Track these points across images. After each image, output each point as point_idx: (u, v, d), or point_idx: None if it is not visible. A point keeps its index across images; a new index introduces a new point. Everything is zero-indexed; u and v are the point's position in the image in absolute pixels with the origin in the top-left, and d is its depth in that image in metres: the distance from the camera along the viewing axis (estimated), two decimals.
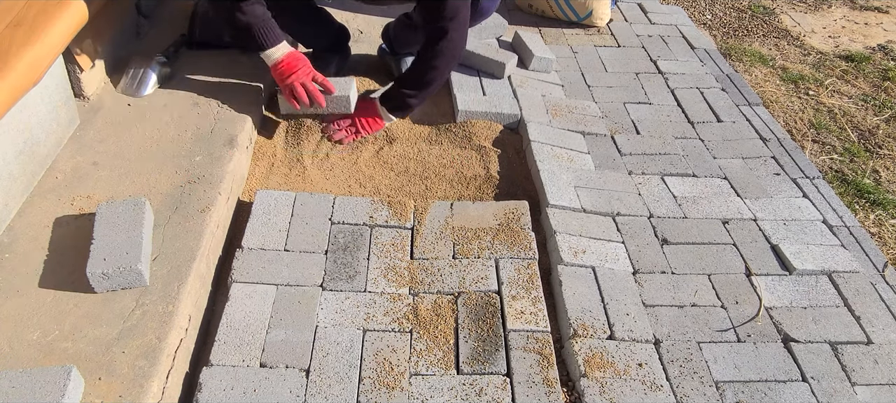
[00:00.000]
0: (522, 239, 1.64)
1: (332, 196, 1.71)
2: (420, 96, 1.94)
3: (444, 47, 1.83)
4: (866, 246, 1.79)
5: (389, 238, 1.62)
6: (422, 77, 1.90)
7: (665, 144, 2.10)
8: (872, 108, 2.60)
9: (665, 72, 2.55)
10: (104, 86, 1.89)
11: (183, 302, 1.31)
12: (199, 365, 1.33)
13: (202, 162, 1.66)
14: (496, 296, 1.49)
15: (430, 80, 1.90)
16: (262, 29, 1.74)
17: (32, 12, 1.48)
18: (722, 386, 1.37)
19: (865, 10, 3.55)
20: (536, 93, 2.28)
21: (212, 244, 1.50)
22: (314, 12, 2.12)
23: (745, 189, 1.94)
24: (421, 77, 1.91)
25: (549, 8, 2.86)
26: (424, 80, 1.90)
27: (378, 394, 1.26)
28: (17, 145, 1.45)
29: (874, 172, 2.23)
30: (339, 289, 1.48)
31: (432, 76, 1.89)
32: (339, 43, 2.28)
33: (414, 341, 1.38)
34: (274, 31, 1.77)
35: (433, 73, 1.88)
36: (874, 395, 1.38)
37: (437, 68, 1.88)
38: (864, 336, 1.51)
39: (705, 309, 1.54)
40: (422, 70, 1.90)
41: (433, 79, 1.90)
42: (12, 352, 1.17)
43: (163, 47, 2.04)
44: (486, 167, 1.95)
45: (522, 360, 1.36)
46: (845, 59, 2.98)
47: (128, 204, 1.41)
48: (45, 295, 1.28)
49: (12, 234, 1.40)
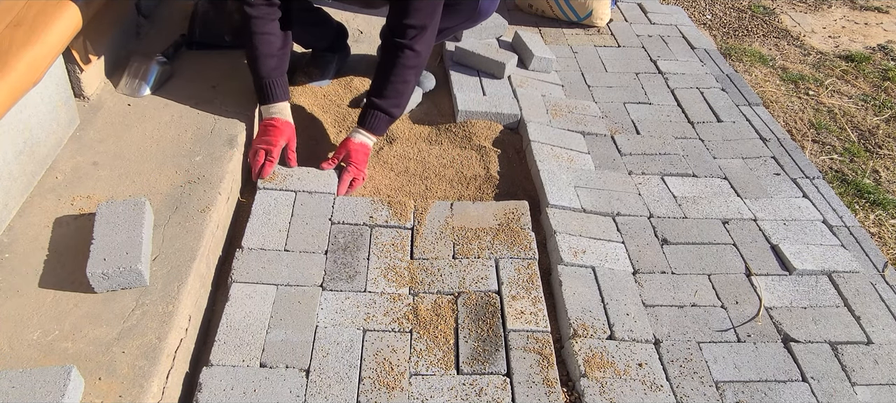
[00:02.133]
0: (522, 239, 1.64)
1: (332, 195, 1.71)
2: (401, 107, 1.86)
3: (409, 59, 1.77)
4: (866, 246, 1.79)
5: (389, 238, 1.62)
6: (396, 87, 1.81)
7: (665, 144, 2.10)
8: (872, 108, 2.60)
9: (665, 72, 2.55)
10: (104, 86, 1.89)
11: (183, 302, 1.31)
12: (199, 365, 1.33)
13: (202, 162, 1.66)
14: (496, 296, 1.49)
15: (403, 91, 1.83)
16: (272, 81, 1.76)
17: (32, 12, 1.48)
18: (722, 386, 1.37)
19: (865, 10, 3.55)
20: (536, 93, 2.28)
21: (212, 244, 1.50)
22: (312, 13, 2.11)
23: (745, 189, 1.94)
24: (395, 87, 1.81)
25: (549, 8, 2.86)
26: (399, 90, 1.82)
27: (378, 394, 1.26)
28: (17, 145, 1.45)
29: (874, 172, 2.23)
30: (339, 289, 1.47)
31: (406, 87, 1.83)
32: (338, 42, 2.28)
33: (414, 341, 1.38)
34: (283, 88, 1.79)
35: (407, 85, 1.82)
36: (874, 395, 1.38)
37: (409, 81, 1.82)
38: (864, 337, 1.51)
39: (705, 309, 1.54)
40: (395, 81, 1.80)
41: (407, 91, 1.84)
42: (12, 352, 1.17)
43: (163, 47, 2.04)
44: (486, 167, 1.95)
45: (522, 360, 1.36)
46: (845, 59, 2.98)
47: (128, 204, 1.41)
48: (45, 295, 1.28)
49: (12, 234, 1.40)
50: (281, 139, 1.75)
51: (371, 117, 1.80)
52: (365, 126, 1.81)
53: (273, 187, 1.71)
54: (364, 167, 1.81)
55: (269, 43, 1.76)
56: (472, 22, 2.12)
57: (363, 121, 1.81)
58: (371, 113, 1.80)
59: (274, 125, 1.76)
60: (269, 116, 1.78)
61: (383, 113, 1.80)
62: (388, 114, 1.81)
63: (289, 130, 1.78)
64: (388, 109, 1.80)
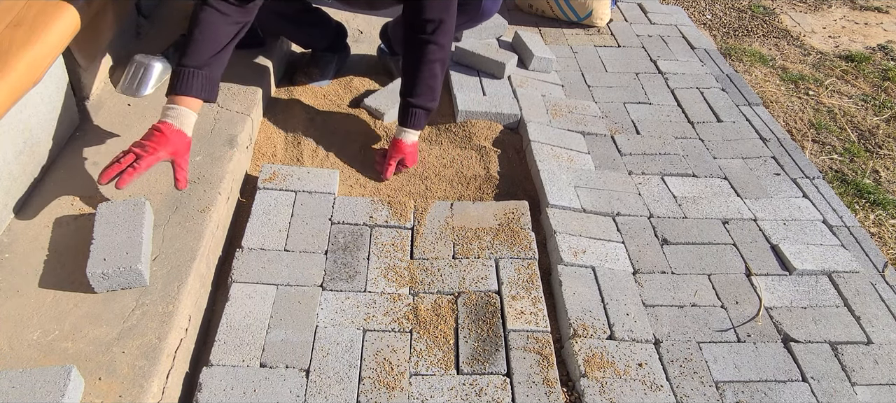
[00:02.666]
0: (522, 239, 1.64)
1: (332, 196, 1.72)
2: (436, 99, 1.88)
3: (433, 52, 1.78)
4: (866, 246, 1.79)
5: (389, 238, 1.62)
6: (426, 82, 1.82)
7: (665, 144, 2.10)
8: (872, 108, 2.60)
9: (665, 72, 2.55)
10: (104, 87, 1.89)
11: (183, 302, 1.31)
12: (199, 365, 1.33)
13: (202, 162, 1.66)
14: (496, 296, 1.49)
15: (434, 84, 1.84)
16: (191, 73, 1.48)
17: (32, 12, 1.48)
18: (722, 386, 1.37)
19: (865, 10, 3.55)
20: (536, 93, 2.28)
21: (212, 244, 1.50)
22: (311, 13, 2.11)
23: (745, 189, 1.94)
24: (426, 83, 1.82)
25: (549, 8, 2.86)
26: (430, 85, 1.83)
27: (378, 394, 1.26)
28: (17, 145, 1.44)
29: (874, 172, 2.23)
30: (339, 289, 1.47)
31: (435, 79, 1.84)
32: (337, 42, 2.28)
33: (414, 341, 1.38)
34: (199, 88, 1.50)
35: (436, 77, 1.84)
36: (874, 395, 1.38)
37: (437, 74, 1.84)
38: (864, 337, 1.51)
39: (705, 309, 1.54)
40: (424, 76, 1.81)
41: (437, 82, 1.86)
42: (12, 352, 1.17)
43: (163, 47, 2.04)
44: (486, 167, 1.95)
45: (522, 360, 1.36)
46: (845, 59, 2.98)
47: (128, 205, 1.41)
48: (45, 295, 1.28)
49: (12, 234, 1.40)
50: (162, 150, 1.43)
51: (411, 116, 1.85)
52: (407, 124, 1.86)
53: (273, 187, 1.71)
54: (417, 159, 1.92)
55: (214, 36, 1.52)
56: (475, 22, 2.12)
57: (405, 120, 1.86)
58: (411, 111, 1.85)
59: (161, 131, 1.44)
60: (163, 119, 1.47)
61: (421, 109, 1.85)
62: (425, 109, 1.86)
63: (177, 145, 1.46)
64: (424, 105, 1.85)
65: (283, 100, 2.16)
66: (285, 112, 2.10)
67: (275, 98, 2.16)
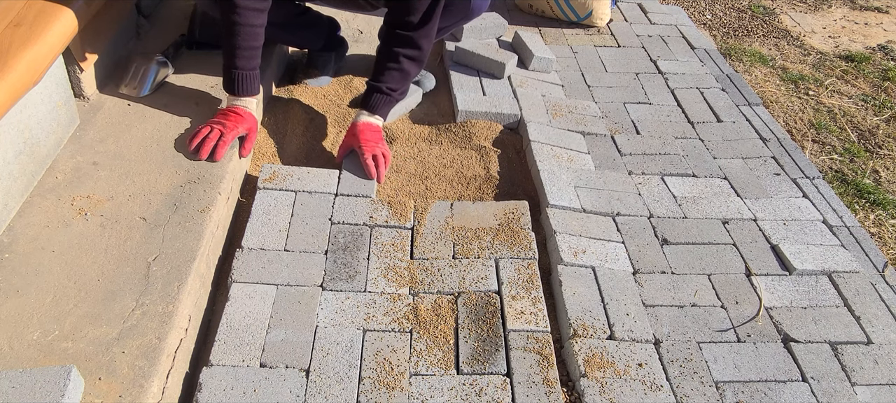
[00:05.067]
0: (522, 239, 1.64)
1: (332, 196, 1.71)
2: (402, 92, 1.88)
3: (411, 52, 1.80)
4: (866, 246, 1.79)
5: (389, 238, 1.62)
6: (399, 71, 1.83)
7: (665, 144, 2.10)
8: (872, 108, 2.60)
9: (665, 72, 2.55)
10: (104, 87, 1.89)
11: (183, 302, 1.31)
12: (199, 365, 1.33)
13: (202, 161, 1.66)
14: (496, 296, 1.49)
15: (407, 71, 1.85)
16: (246, 75, 1.72)
17: (32, 12, 1.49)
18: (722, 386, 1.37)
19: (865, 10, 3.55)
20: (536, 93, 2.28)
21: (212, 244, 1.50)
22: (303, 15, 2.09)
23: (745, 189, 1.94)
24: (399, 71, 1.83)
25: (549, 8, 2.86)
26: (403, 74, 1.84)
27: (378, 394, 1.26)
28: (17, 145, 1.44)
29: (874, 172, 2.23)
30: (339, 289, 1.47)
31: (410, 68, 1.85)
32: (333, 40, 2.26)
33: (414, 341, 1.38)
34: (255, 84, 1.75)
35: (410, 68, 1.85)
36: (874, 395, 1.38)
37: (408, 71, 1.85)
38: (864, 337, 1.51)
39: (705, 309, 1.54)
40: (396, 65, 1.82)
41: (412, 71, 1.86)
42: (12, 352, 1.17)
43: (163, 47, 2.04)
44: (486, 167, 1.95)
45: (522, 360, 1.36)
46: (845, 58, 2.98)
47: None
48: (45, 295, 1.28)
49: (12, 234, 1.40)
50: (240, 126, 1.70)
51: (372, 99, 1.82)
52: (367, 107, 1.83)
53: (273, 187, 1.71)
54: (379, 144, 1.81)
55: (255, 36, 1.71)
56: (465, 19, 2.12)
57: (365, 103, 1.83)
58: (372, 95, 1.82)
59: (236, 112, 1.72)
60: (233, 104, 1.74)
61: (383, 93, 1.81)
62: (387, 94, 1.81)
63: (252, 122, 1.75)
64: (386, 90, 1.81)
65: (283, 100, 2.16)
66: (285, 112, 2.10)
67: (275, 98, 2.16)
